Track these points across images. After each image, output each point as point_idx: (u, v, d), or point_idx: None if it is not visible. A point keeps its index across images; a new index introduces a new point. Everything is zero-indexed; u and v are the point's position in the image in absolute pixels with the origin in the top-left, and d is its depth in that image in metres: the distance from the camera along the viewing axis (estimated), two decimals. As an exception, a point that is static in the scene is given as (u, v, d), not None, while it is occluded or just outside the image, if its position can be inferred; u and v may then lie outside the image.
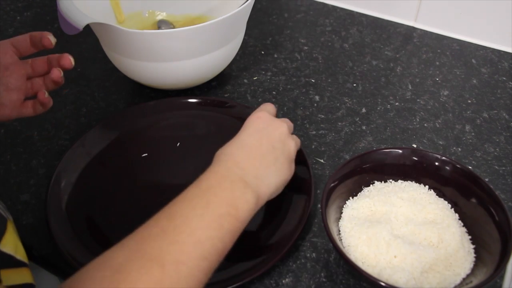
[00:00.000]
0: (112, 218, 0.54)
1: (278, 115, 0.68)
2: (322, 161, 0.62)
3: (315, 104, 0.70)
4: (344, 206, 0.52)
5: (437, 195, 0.52)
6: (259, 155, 0.45)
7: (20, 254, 0.41)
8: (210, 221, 0.38)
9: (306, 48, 0.81)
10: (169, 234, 0.36)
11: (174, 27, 0.77)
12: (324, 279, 0.49)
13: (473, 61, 0.78)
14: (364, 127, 0.67)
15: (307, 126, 0.67)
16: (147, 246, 0.35)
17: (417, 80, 0.75)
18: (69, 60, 0.54)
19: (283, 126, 0.50)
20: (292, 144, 0.50)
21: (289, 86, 0.73)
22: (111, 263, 0.33)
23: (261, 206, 0.44)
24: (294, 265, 0.51)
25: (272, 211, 0.54)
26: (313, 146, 0.64)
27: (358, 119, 0.68)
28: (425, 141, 0.65)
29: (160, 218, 0.38)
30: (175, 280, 0.34)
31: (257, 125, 0.49)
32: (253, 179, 0.43)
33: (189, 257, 0.35)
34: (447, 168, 0.52)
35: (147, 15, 0.79)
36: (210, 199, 0.39)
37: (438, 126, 0.67)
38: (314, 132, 0.66)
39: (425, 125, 0.67)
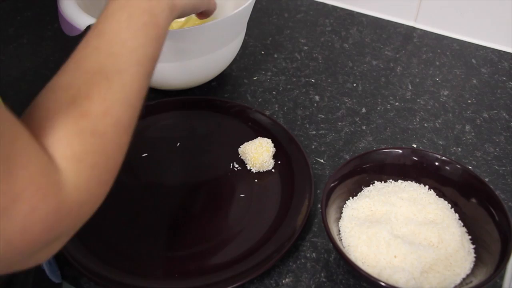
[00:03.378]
0: (112, 218, 0.54)
1: (278, 115, 0.68)
2: (322, 161, 0.62)
3: (315, 104, 0.70)
4: (344, 206, 0.52)
5: (437, 195, 0.52)
6: None
7: None
8: (136, 30, 0.39)
9: (306, 48, 0.81)
10: (103, 49, 0.37)
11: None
12: (324, 279, 0.49)
13: (473, 61, 0.78)
14: (364, 127, 0.67)
15: (307, 126, 0.67)
16: (87, 64, 0.36)
17: (417, 80, 0.75)
18: None
19: None
20: None
21: (289, 86, 0.73)
22: (60, 85, 0.35)
23: (177, 15, 0.46)
24: (294, 265, 0.51)
25: (272, 211, 0.55)
26: (313, 146, 0.64)
27: (358, 119, 0.68)
28: (425, 141, 0.65)
29: (89, 38, 0.38)
30: (121, 88, 0.36)
31: None
32: None
33: (128, 65, 0.37)
34: (447, 168, 0.52)
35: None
36: (131, 12, 0.40)
37: (438, 126, 0.67)
38: (314, 132, 0.66)
39: (425, 125, 0.67)
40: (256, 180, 0.58)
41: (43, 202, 0.29)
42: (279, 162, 0.60)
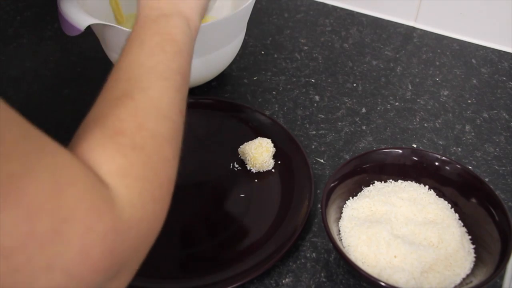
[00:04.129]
0: (112, 218, 0.54)
1: (278, 115, 0.68)
2: (322, 161, 0.62)
3: (315, 104, 0.70)
4: (344, 206, 0.52)
5: (437, 195, 0.52)
6: None
7: None
8: (150, 51, 0.39)
9: (306, 48, 0.81)
10: (122, 77, 0.37)
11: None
12: (324, 279, 0.49)
13: (473, 61, 0.78)
14: (364, 127, 0.67)
15: (307, 126, 0.67)
16: (109, 94, 0.36)
17: (417, 80, 0.75)
18: None
19: None
20: None
21: (289, 86, 0.73)
22: (89, 119, 0.34)
23: (197, 27, 0.45)
24: (294, 265, 0.51)
25: (272, 211, 0.55)
26: (313, 146, 0.64)
27: (358, 119, 0.68)
28: (425, 141, 0.65)
29: (110, 76, 0.38)
30: (150, 103, 0.35)
31: None
32: (173, 8, 0.43)
33: (150, 82, 0.36)
34: (447, 168, 0.52)
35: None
36: (142, 38, 0.40)
37: (438, 126, 0.67)
38: (314, 132, 0.66)
39: (425, 125, 0.67)
40: (256, 180, 0.58)
41: (98, 220, 0.26)
42: (279, 162, 0.60)
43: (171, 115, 0.37)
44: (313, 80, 0.74)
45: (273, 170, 0.59)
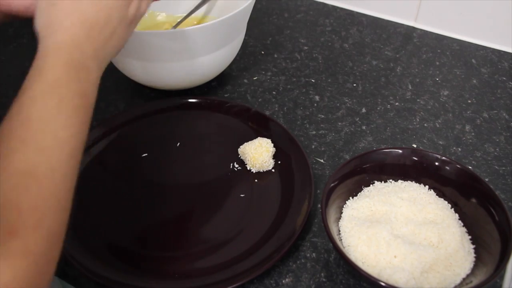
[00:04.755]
0: (112, 218, 0.54)
1: (278, 115, 0.68)
2: (322, 161, 0.62)
3: (315, 104, 0.70)
4: (344, 206, 0.52)
5: (437, 195, 0.52)
6: (96, 32, 0.40)
7: None
8: (67, 117, 0.35)
9: (306, 48, 0.81)
10: (31, 142, 0.33)
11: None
12: (324, 279, 0.49)
13: (473, 61, 0.78)
14: (364, 127, 0.67)
15: (307, 126, 0.67)
16: (14, 162, 0.32)
17: (417, 80, 0.75)
18: None
19: None
20: (133, 6, 0.44)
21: (289, 86, 0.73)
22: None
23: (105, 64, 0.42)
24: (294, 265, 0.51)
25: (272, 211, 0.55)
26: (313, 146, 0.64)
27: (358, 119, 0.68)
28: (425, 141, 0.65)
29: (14, 127, 0.34)
30: (53, 190, 0.33)
31: None
32: (95, 59, 0.40)
33: (60, 161, 0.34)
34: (447, 168, 0.52)
35: (146, 15, 0.79)
36: (62, 94, 0.36)
37: (438, 126, 0.67)
38: (314, 132, 0.66)
39: (425, 125, 0.67)
40: (256, 180, 0.58)
41: None
42: (279, 162, 0.60)
43: (67, 205, 0.34)
44: (313, 80, 0.74)
45: (273, 170, 0.59)
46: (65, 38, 0.39)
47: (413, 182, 0.53)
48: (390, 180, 0.54)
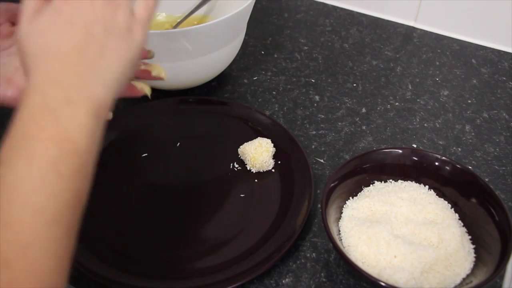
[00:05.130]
0: (112, 218, 0.54)
1: (278, 115, 0.68)
2: (322, 161, 0.62)
3: (315, 104, 0.70)
4: (344, 206, 0.52)
5: (437, 195, 0.52)
6: (76, 56, 0.34)
7: None
8: (42, 176, 0.29)
9: (306, 48, 0.81)
10: (2, 215, 0.28)
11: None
12: (324, 279, 0.49)
13: (473, 61, 0.78)
14: (364, 127, 0.67)
15: (307, 126, 0.67)
16: None
17: (417, 80, 0.75)
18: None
19: None
20: (121, 12, 0.37)
21: (289, 86, 0.73)
22: None
23: (108, 111, 0.36)
24: (294, 265, 0.51)
25: (272, 211, 0.55)
26: (313, 146, 0.64)
27: (358, 119, 0.68)
28: (425, 141, 0.65)
29: None
30: (30, 270, 0.27)
31: (62, 9, 0.35)
32: (80, 89, 0.33)
33: (34, 234, 0.28)
34: (447, 168, 0.52)
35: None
36: (34, 148, 0.29)
37: (438, 126, 0.67)
38: (314, 132, 0.66)
39: (425, 125, 0.67)
40: (256, 180, 0.58)
41: None
42: (279, 162, 0.60)
43: (62, 279, 0.29)
44: (313, 80, 0.74)
45: (273, 170, 0.59)
46: (37, 76, 0.33)
47: (413, 182, 0.53)
48: (390, 180, 0.54)
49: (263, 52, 0.80)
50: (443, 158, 0.52)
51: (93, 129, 0.33)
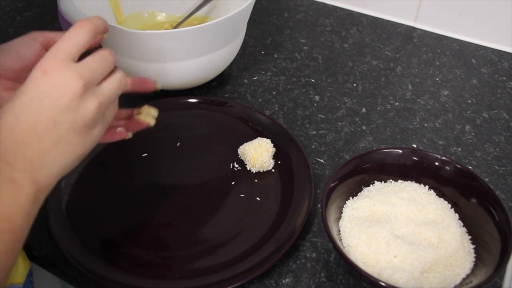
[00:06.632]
0: (112, 218, 0.54)
1: (278, 115, 0.68)
2: (322, 161, 0.62)
3: (315, 104, 0.70)
4: (344, 206, 0.52)
5: (437, 195, 0.52)
6: (34, 137, 0.34)
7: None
8: None
9: (306, 48, 0.81)
10: None
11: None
12: (324, 279, 0.49)
13: (473, 61, 0.78)
14: (364, 127, 0.67)
15: (307, 126, 0.67)
16: None
17: (417, 80, 0.75)
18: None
19: (77, 84, 0.35)
20: (90, 107, 0.36)
21: (289, 86, 0.73)
22: None
23: (44, 198, 0.36)
24: (294, 265, 0.51)
25: (272, 211, 0.55)
26: (313, 146, 0.64)
27: (358, 119, 0.68)
28: (425, 141, 0.65)
29: None
30: None
31: (39, 87, 0.34)
32: (27, 172, 0.33)
33: None
34: (447, 168, 0.52)
35: (146, 15, 0.79)
36: None
37: (438, 126, 0.67)
38: (314, 132, 0.66)
39: (425, 125, 0.67)
40: (256, 180, 0.58)
41: None
42: (279, 162, 0.60)
43: None
44: (313, 80, 0.74)
45: (273, 170, 0.59)
46: None
47: (413, 182, 0.53)
48: (390, 180, 0.54)
49: (263, 52, 0.80)
50: (443, 158, 0.52)
51: (30, 210, 0.33)
